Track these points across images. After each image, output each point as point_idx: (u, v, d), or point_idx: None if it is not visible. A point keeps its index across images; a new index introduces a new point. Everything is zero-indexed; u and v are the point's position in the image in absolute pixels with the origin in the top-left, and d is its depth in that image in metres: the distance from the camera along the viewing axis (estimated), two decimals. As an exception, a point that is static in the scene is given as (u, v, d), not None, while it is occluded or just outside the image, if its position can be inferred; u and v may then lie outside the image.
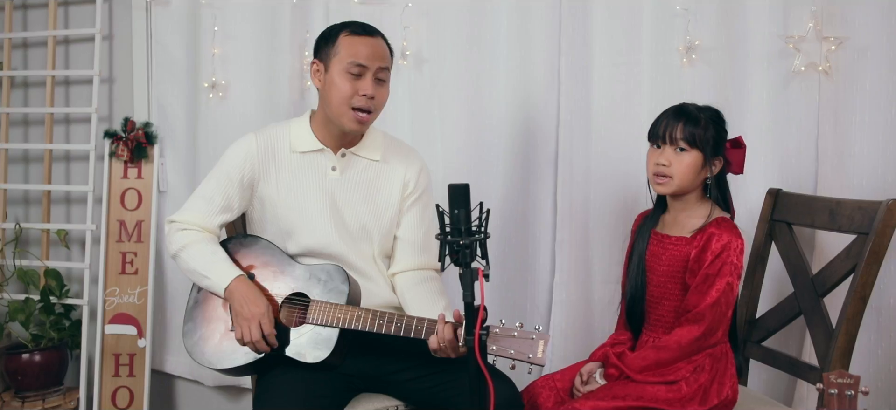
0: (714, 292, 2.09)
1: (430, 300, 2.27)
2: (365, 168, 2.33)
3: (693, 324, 2.11)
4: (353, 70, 2.21)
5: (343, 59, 2.22)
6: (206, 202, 2.32)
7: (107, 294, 3.24)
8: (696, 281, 2.12)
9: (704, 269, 2.10)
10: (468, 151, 2.88)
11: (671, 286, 2.19)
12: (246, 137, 2.34)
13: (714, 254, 2.09)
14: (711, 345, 2.12)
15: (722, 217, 2.16)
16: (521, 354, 1.94)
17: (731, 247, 2.09)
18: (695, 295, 2.11)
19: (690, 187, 2.17)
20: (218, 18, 3.08)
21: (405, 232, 2.37)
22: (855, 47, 2.48)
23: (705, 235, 2.12)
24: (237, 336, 2.17)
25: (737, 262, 2.10)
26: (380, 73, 2.23)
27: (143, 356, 3.23)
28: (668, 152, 2.15)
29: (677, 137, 2.14)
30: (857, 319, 2.09)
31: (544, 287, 2.84)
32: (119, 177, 3.27)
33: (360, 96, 2.21)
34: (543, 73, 2.79)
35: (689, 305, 2.12)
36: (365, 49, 2.22)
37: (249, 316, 2.15)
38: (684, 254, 2.15)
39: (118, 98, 3.36)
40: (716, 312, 2.09)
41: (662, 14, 2.66)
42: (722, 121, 2.19)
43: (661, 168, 2.16)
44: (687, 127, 2.14)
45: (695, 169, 2.14)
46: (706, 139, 2.13)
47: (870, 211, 2.11)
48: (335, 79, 2.22)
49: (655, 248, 2.23)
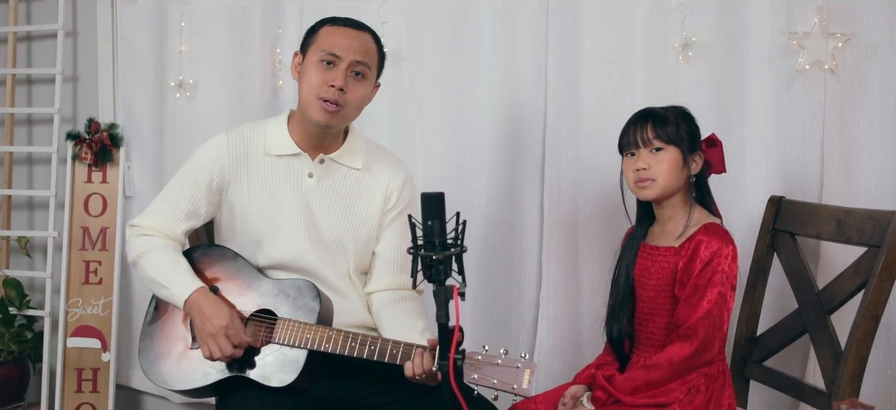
0: (705, 303, 1.93)
1: (407, 321, 2.11)
2: (345, 176, 2.16)
3: (685, 340, 1.95)
4: (326, 58, 2.05)
5: (318, 47, 2.07)
6: (171, 207, 2.16)
7: (69, 304, 3.08)
8: (686, 292, 1.96)
9: (693, 280, 1.95)
10: (450, 156, 2.73)
11: (661, 300, 2.03)
12: (217, 137, 2.17)
13: (703, 263, 1.94)
14: (706, 363, 1.96)
15: (710, 222, 2.02)
16: (504, 384, 1.78)
17: (721, 254, 1.94)
18: (685, 308, 1.96)
19: (675, 187, 2.03)
20: (186, 14, 2.94)
21: (384, 248, 2.20)
22: (863, 45, 2.34)
23: (693, 243, 1.98)
24: (204, 353, 2.01)
25: (729, 270, 1.95)
26: (356, 67, 2.06)
27: (107, 370, 3.07)
28: (645, 155, 2.02)
29: (650, 138, 2.01)
30: (868, 340, 1.93)
31: (530, 300, 2.69)
32: (83, 182, 3.11)
33: (329, 87, 2.03)
34: (530, 73, 2.64)
35: (680, 320, 1.97)
36: (342, 40, 2.06)
37: (214, 330, 1.99)
38: (672, 265, 2.00)
39: (82, 98, 3.22)
40: (708, 325, 1.94)
41: (657, 9, 2.51)
42: (691, 117, 2.06)
43: (642, 172, 2.02)
44: (657, 126, 2.02)
45: (676, 166, 2.01)
46: (680, 135, 2.01)
47: (882, 221, 1.95)
48: (308, 68, 2.07)
49: (645, 262, 2.08)
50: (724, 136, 2.21)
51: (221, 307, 2.02)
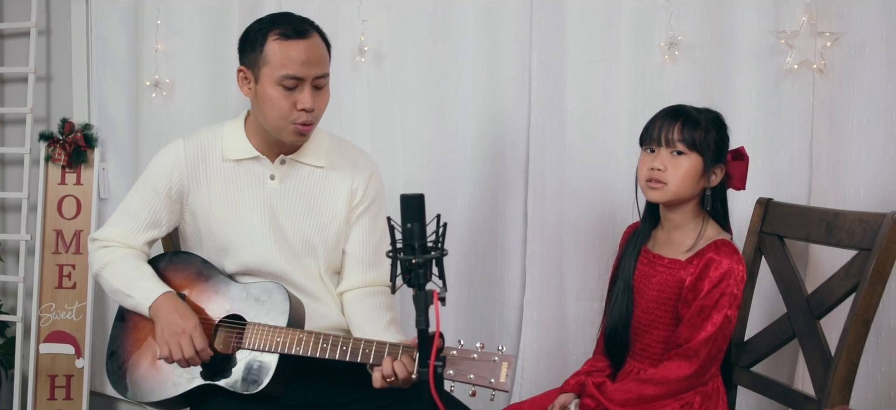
0: (710, 326, 1.88)
1: (373, 315, 2.08)
2: (307, 176, 2.10)
3: (685, 360, 1.90)
4: (287, 83, 1.95)
5: (275, 69, 1.95)
6: (131, 217, 2.12)
7: (42, 310, 3.02)
8: (691, 312, 1.90)
9: (700, 300, 1.89)
10: (431, 156, 2.69)
11: (661, 313, 1.98)
12: (173, 144, 2.12)
13: (712, 283, 1.88)
14: (703, 383, 1.91)
15: (722, 239, 1.95)
16: (481, 379, 1.73)
17: (731, 276, 1.88)
18: (688, 328, 1.90)
19: (687, 196, 1.96)
20: (162, 11, 2.88)
21: (353, 246, 2.14)
22: (852, 44, 2.31)
23: (703, 260, 1.91)
24: (163, 354, 1.95)
25: (737, 293, 1.89)
26: (318, 81, 1.99)
27: (80, 377, 3.01)
28: (664, 155, 1.95)
29: (674, 139, 1.93)
30: (858, 345, 1.88)
31: (514, 305, 2.65)
32: (56, 184, 3.04)
33: (300, 111, 1.97)
34: (513, 71, 2.61)
35: (681, 339, 1.91)
36: (298, 55, 1.95)
37: (179, 330, 1.94)
38: (678, 280, 1.94)
39: (56, 97, 3.15)
40: (711, 348, 1.89)
41: (643, 7, 2.49)
42: (724, 126, 1.98)
43: (656, 172, 1.95)
44: (686, 128, 1.93)
45: (694, 175, 1.93)
46: (707, 143, 1.93)
47: (873, 224, 1.91)
48: (268, 91, 1.97)
49: (645, 269, 2.02)
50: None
51: (189, 313, 1.98)
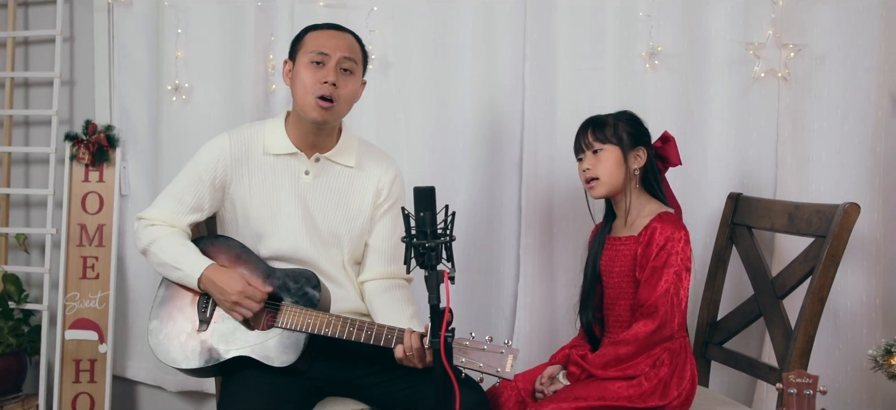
0: (663, 283, 2.14)
1: (397, 308, 2.27)
2: (338, 174, 2.33)
3: (647, 318, 2.15)
4: (316, 58, 2.22)
5: (307, 51, 2.24)
6: (176, 201, 2.31)
7: (67, 298, 3.19)
8: (645, 275, 2.17)
9: (651, 263, 2.16)
10: (433, 155, 2.89)
11: (625, 285, 2.24)
12: (219, 137, 2.33)
13: (658, 247, 2.15)
14: (667, 337, 2.16)
15: (664, 212, 2.22)
16: (489, 367, 1.96)
17: (674, 238, 2.15)
18: (645, 288, 2.16)
19: (619, 182, 2.24)
20: (181, 20, 3.05)
21: (376, 240, 2.36)
22: (812, 55, 2.55)
23: (649, 231, 2.19)
24: (238, 319, 2.19)
25: (682, 252, 2.15)
26: (344, 63, 2.24)
27: (104, 361, 3.18)
28: (589, 158, 2.25)
29: (590, 141, 2.24)
30: (815, 320, 2.13)
31: (509, 291, 2.86)
32: (80, 181, 3.22)
33: (322, 84, 2.21)
34: (508, 78, 2.81)
35: (642, 299, 2.17)
36: (329, 40, 2.24)
37: (235, 298, 2.17)
38: (632, 252, 2.21)
39: (79, 100, 3.31)
40: (667, 302, 2.14)
41: (626, 20, 2.70)
42: (634, 118, 2.27)
43: (587, 173, 2.25)
44: (595, 130, 2.25)
45: (616, 163, 2.23)
46: (618, 134, 2.23)
47: (827, 214, 2.16)
48: (300, 71, 2.24)
49: (610, 252, 2.29)
50: (686, 138, 2.41)
51: (234, 275, 2.19)
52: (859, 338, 2.52)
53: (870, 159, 2.51)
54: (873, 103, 2.50)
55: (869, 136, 2.51)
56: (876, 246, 2.51)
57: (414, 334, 2.06)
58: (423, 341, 2.04)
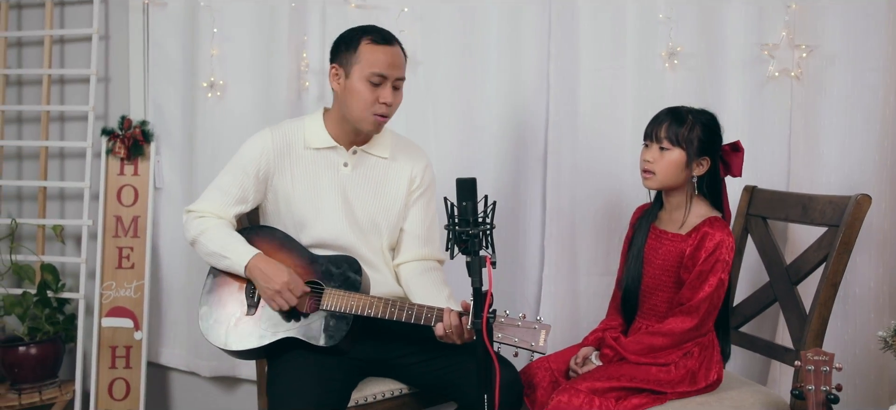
0: (707, 287, 2.25)
1: (434, 288, 2.40)
2: (374, 164, 2.45)
3: (687, 316, 2.27)
4: (374, 79, 2.32)
5: (364, 67, 2.32)
6: (223, 193, 2.43)
7: (103, 287, 3.30)
8: (691, 277, 2.26)
9: (699, 266, 2.25)
10: (461, 150, 3.00)
11: (665, 278, 2.34)
12: (262, 133, 2.45)
13: (708, 252, 2.24)
14: (701, 335, 2.29)
15: (715, 216, 2.30)
16: (524, 342, 2.09)
17: (723, 245, 2.24)
18: (689, 289, 2.27)
19: (674, 183, 2.31)
20: (217, 20, 3.16)
21: (411, 225, 2.49)
22: (824, 55, 2.67)
23: (700, 234, 2.27)
24: (274, 308, 2.30)
25: (728, 260, 2.25)
26: (397, 82, 2.36)
27: (139, 348, 3.29)
28: (654, 150, 2.31)
29: (661, 136, 2.29)
30: (829, 304, 2.27)
31: (533, 280, 2.98)
32: (116, 174, 3.34)
33: (381, 103, 2.33)
34: (533, 77, 2.93)
35: (684, 298, 2.28)
36: (385, 58, 2.33)
37: (278, 287, 2.27)
38: (679, 251, 2.30)
39: (113, 97, 3.42)
40: (708, 306, 2.26)
41: (646, 22, 2.82)
42: (714, 124, 2.32)
43: (646, 164, 2.32)
44: (671, 127, 2.28)
45: (677, 166, 2.29)
46: (690, 139, 2.27)
47: (840, 205, 2.30)
48: (356, 85, 2.33)
49: (653, 242, 2.38)
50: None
51: (280, 267, 2.30)
52: (867, 322, 2.65)
53: (877, 154, 2.64)
54: (881, 101, 2.63)
55: (877, 132, 2.64)
56: (883, 236, 2.65)
57: (453, 312, 2.18)
58: (463, 320, 2.17)
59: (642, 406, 2.21)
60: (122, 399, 3.30)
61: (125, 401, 3.30)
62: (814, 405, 1.98)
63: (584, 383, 2.24)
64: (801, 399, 2.01)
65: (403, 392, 2.44)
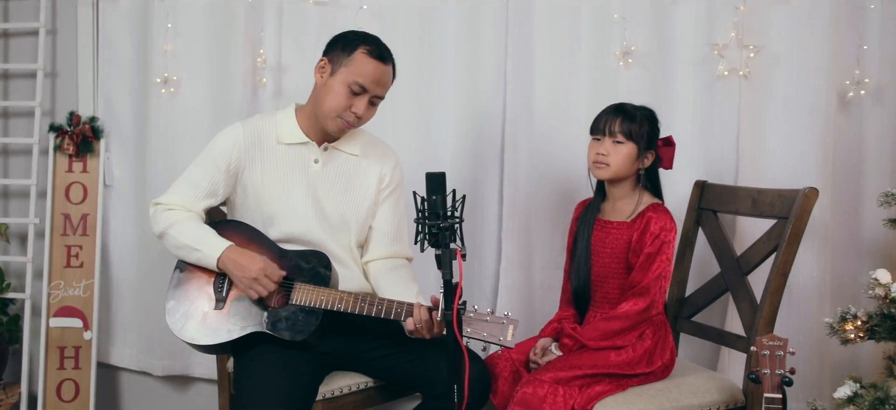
0: (656, 268, 2.36)
1: (403, 285, 2.42)
2: (345, 161, 2.47)
3: (639, 297, 2.36)
4: (355, 88, 2.33)
5: (351, 73, 2.33)
6: (192, 186, 2.41)
7: (51, 287, 3.24)
8: (640, 260, 2.37)
9: (647, 249, 2.37)
10: (419, 146, 3.03)
11: (615, 266, 2.44)
12: (233, 126, 2.44)
13: (653, 236, 2.36)
14: (653, 315, 2.38)
15: (656, 202, 2.44)
16: (492, 337, 2.13)
17: (667, 229, 2.38)
18: (639, 272, 2.37)
19: (624, 175, 2.44)
20: (170, 15, 3.14)
21: (380, 222, 2.51)
22: (770, 55, 2.78)
23: (644, 219, 2.39)
24: (252, 297, 2.30)
25: (673, 241, 2.38)
26: (375, 99, 2.38)
27: (89, 348, 3.24)
28: (607, 143, 2.42)
29: (615, 130, 2.41)
30: (779, 292, 2.37)
31: (491, 273, 3.03)
32: (64, 171, 3.28)
33: (351, 112, 2.35)
34: (491, 75, 2.98)
35: (635, 281, 2.38)
36: (374, 73, 2.33)
37: (254, 274, 2.27)
38: (627, 238, 2.41)
39: (61, 93, 3.36)
40: (658, 285, 2.37)
41: (601, 21, 2.90)
42: (656, 120, 2.46)
43: (600, 156, 2.43)
44: (624, 122, 2.41)
45: (629, 159, 2.42)
46: (640, 134, 2.41)
47: (789, 198, 2.40)
48: (336, 86, 2.34)
49: (599, 234, 2.48)
50: (655, 131, 2.61)
51: (254, 255, 2.30)
52: (811, 311, 2.78)
53: (820, 150, 2.76)
54: (823, 99, 2.75)
55: (819, 129, 2.76)
56: (826, 228, 2.77)
57: (423, 307, 2.22)
58: (433, 314, 2.20)
59: (605, 394, 2.28)
60: (72, 401, 3.24)
61: (74, 402, 3.24)
62: (770, 387, 2.07)
63: (547, 374, 2.30)
64: (757, 382, 2.10)
65: (369, 385, 2.46)
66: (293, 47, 3.08)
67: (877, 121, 2.80)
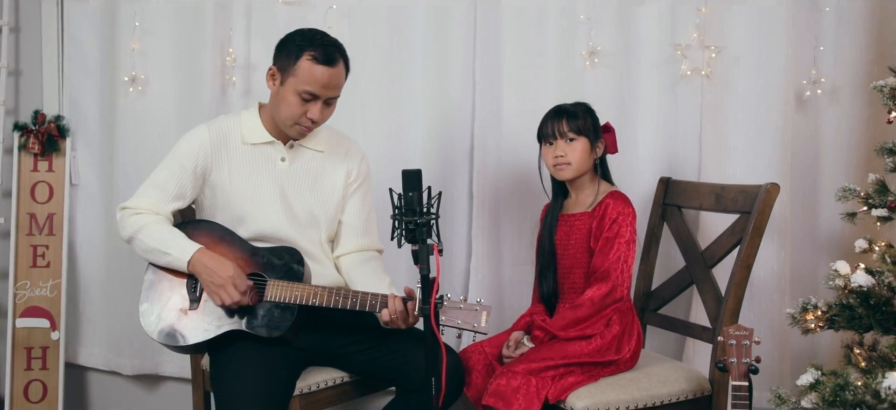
0: (615, 251, 2.44)
1: (375, 277, 2.46)
2: (311, 158, 2.49)
3: (602, 282, 2.44)
4: (306, 95, 2.34)
5: (298, 82, 2.32)
6: (159, 189, 2.41)
7: (17, 287, 3.21)
8: (599, 244, 2.46)
9: (605, 234, 2.45)
10: (389, 145, 3.06)
11: (579, 256, 2.52)
12: (198, 128, 2.44)
13: (611, 220, 2.45)
14: (618, 299, 2.46)
15: (614, 190, 2.53)
16: (467, 323, 2.17)
17: (624, 213, 2.46)
18: (599, 256, 2.45)
19: (585, 168, 2.53)
20: (138, 13, 3.13)
21: (349, 217, 2.54)
22: (730, 55, 2.88)
23: (602, 206, 2.48)
24: (217, 303, 2.29)
25: (631, 225, 2.47)
26: (329, 100, 2.39)
27: (56, 348, 3.23)
28: (561, 145, 2.51)
29: (565, 131, 2.51)
30: (743, 284, 2.46)
31: (461, 269, 3.08)
32: (29, 171, 3.25)
33: (306, 117, 2.36)
34: (459, 74, 3.03)
35: (596, 266, 2.46)
36: (322, 79, 2.33)
37: (221, 281, 2.28)
38: (588, 226, 2.50)
39: (24, 91, 3.34)
40: (618, 268, 2.44)
41: (567, 22, 2.96)
42: (593, 111, 2.56)
43: (559, 158, 2.51)
44: (570, 121, 2.51)
45: (586, 153, 2.51)
46: (587, 127, 2.51)
47: (751, 193, 2.49)
48: (287, 96, 2.35)
49: (564, 228, 2.56)
50: (621, 128, 2.69)
51: (224, 261, 2.31)
52: (771, 302, 2.87)
53: (779, 147, 2.86)
54: (781, 98, 2.85)
55: (778, 127, 2.85)
56: (784, 223, 2.87)
57: (397, 298, 2.26)
58: (408, 305, 2.24)
59: (578, 384, 2.34)
60: (39, 402, 3.22)
61: (42, 403, 3.22)
62: (737, 376, 2.15)
63: (520, 365, 2.35)
64: (725, 371, 2.18)
65: (345, 380, 2.49)
66: (262, 46, 3.08)
67: (832, 120, 2.91)
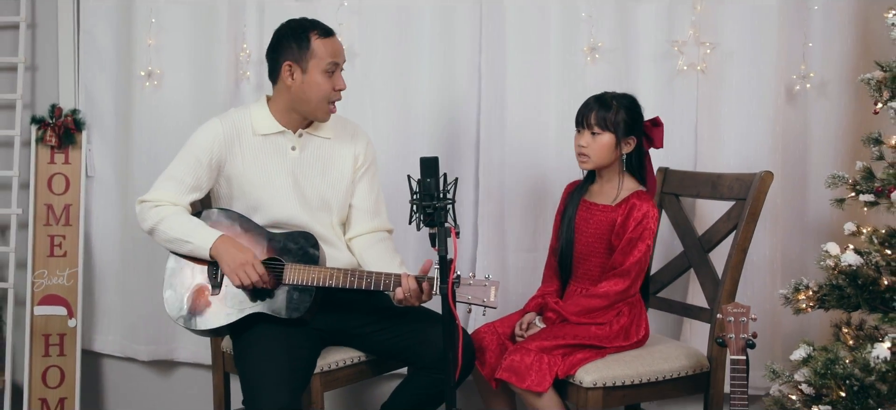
0: (637, 252, 2.52)
1: (388, 257, 2.58)
2: (320, 145, 2.60)
3: (620, 278, 2.54)
4: (331, 69, 2.48)
5: (321, 60, 2.48)
6: (177, 182, 2.51)
7: (35, 276, 3.30)
8: (622, 243, 2.53)
9: (629, 234, 2.52)
10: (397, 137, 3.17)
11: (597, 245, 2.61)
12: (211, 122, 2.56)
13: (636, 221, 2.52)
14: (631, 296, 2.57)
15: (641, 190, 2.59)
16: (476, 298, 2.30)
17: (649, 216, 2.53)
18: (621, 255, 2.54)
19: (606, 163, 2.59)
20: (154, 9, 3.23)
21: (358, 199, 2.66)
22: (724, 51, 3.01)
23: (628, 205, 2.54)
24: (235, 283, 2.40)
25: (653, 228, 2.55)
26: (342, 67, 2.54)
27: (73, 335, 3.31)
28: (586, 135, 2.58)
29: (592, 122, 2.56)
30: (739, 267, 2.61)
31: (467, 256, 3.19)
32: (46, 163, 3.34)
33: (336, 91, 2.50)
34: (465, 69, 3.14)
35: (616, 263, 2.55)
36: (334, 47, 2.51)
37: (241, 263, 2.39)
38: (610, 220, 2.57)
39: (41, 86, 3.42)
40: (638, 269, 2.54)
41: (569, 19, 3.08)
42: (636, 106, 2.60)
43: (581, 149, 2.59)
44: (599, 113, 2.55)
45: (608, 148, 2.56)
46: (617, 122, 2.54)
47: (746, 181, 2.63)
48: (315, 78, 2.48)
49: (584, 213, 2.65)
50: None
51: (244, 247, 2.43)
52: (764, 284, 3.01)
53: (770, 138, 2.99)
54: (773, 92, 2.99)
55: (770, 119, 2.99)
56: (776, 209, 3.01)
57: (410, 277, 2.38)
58: (421, 284, 2.37)
59: (586, 360, 2.47)
60: (57, 387, 3.31)
61: (59, 389, 3.31)
62: (735, 350, 2.29)
63: (533, 343, 2.48)
64: (724, 346, 2.32)
65: (361, 359, 2.61)
66: (275, 42, 3.19)
67: (820, 112, 3.04)
